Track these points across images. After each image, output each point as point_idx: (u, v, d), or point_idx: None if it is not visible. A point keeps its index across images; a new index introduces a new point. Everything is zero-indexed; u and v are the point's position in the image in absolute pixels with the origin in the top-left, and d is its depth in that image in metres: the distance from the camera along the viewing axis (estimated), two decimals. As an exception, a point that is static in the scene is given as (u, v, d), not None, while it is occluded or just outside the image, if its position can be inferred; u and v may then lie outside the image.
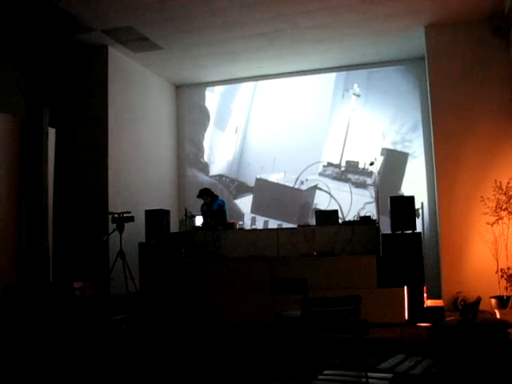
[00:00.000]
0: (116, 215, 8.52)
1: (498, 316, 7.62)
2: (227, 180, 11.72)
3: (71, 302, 6.59)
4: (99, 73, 9.67)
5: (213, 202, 9.48)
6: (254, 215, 11.44)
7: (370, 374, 3.69)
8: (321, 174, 11.09)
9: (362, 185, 10.80)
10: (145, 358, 6.19)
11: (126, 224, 8.53)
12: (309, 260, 8.09)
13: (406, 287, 7.61)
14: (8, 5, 7.68)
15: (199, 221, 9.59)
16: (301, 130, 11.25)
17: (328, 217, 8.88)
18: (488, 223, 8.35)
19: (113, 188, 9.50)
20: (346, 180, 10.92)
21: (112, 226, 8.61)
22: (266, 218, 11.31)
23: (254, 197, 11.53)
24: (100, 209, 9.30)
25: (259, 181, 11.51)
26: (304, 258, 8.16)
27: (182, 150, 12.05)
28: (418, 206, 8.88)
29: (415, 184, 10.25)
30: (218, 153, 11.87)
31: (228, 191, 11.62)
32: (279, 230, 9.33)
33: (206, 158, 11.93)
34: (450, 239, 8.74)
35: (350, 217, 10.09)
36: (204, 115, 12.04)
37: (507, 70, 8.69)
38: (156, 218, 9.14)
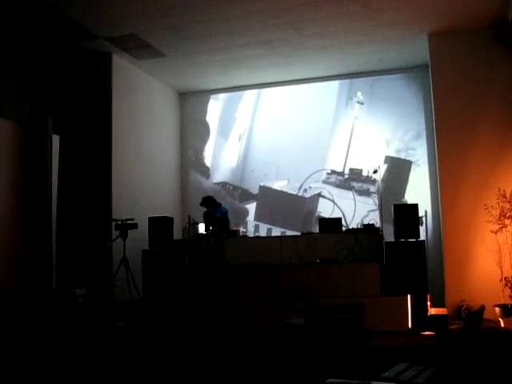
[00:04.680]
0: (119, 222, 8.52)
1: (502, 325, 7.59)
2: (230, 187, 11.73)
3: (74, 309, 6.59)
4: (103, 80, 9.70)
5: (216, 209, 9.48)
6: (257, 222, 11.44)
7: (373, 383, 3.67)
8: (324, 182, 11.08)
9: (365, 192, 10.79)
10: (148, 365, 6.18)
11: (129, 231, 8.52)
12: (312, 268, 8.07)
13: (409, 295, 7.57)
14: (13, 12, 7.72)
15: (203, 228, 9.59)
16: (304, 137, 11.24)
17: (331, 224, 8.87)
18: (492, 231, 8.32)
19: (116, 195, 9.51)
20: (350, 188, 10.91)
21: (115, 233, 8.61)
22: (270, 226, 11.30)
23: (257, 204, 11.53)
24: (103, 215, 9.30)
25: (263, 188, 11.51)
26: (307, 266, 8.14)
27: (186, 157, 12.07)
28: (421, 213, 8.87)
29: (419, 192, 10.22)
30: (222, 160, 11.87)
31: (232, 198, 11.63)
32: (282, 237, 9.32)
33: (209, 165, 11.94)
34: (453, 247, 8.71)
35: (353, 224, 10.09)
36: (207, 122, 12.06)
37: (511, 77, 8.69)
38: (159, 225, 9.13)
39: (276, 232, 11.07)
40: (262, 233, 11.25)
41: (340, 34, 9.16)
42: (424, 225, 9.91)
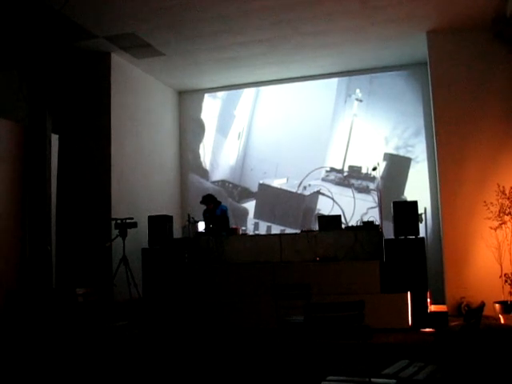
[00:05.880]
0: (119, 221, 8.52)
1: (502, 321, 7.60)
2: (230, 185, 11.73)
3: (74, 308, 6.59)
4: (102, 79, 9.69)
5: (216, 207, 9.48)
6: (256, 220, 11.44)
7: (373, 380, 3.68)
8: (324, 179, 11.09)
9: (364, 190, 10.79)
10: (148, 364, 6.18)
11: (128, 230, 8.53)
12: (312, 265, 8.08)
13: (409, 292, 7.58)
14: (11, 12, 7.71)
15: (202, 226, 9.59)
16: (303, 135, 11.25)
17: (331, 222, 8.87)
18: (491, 228, 8.34)
19: (116, 194, 9.50)
20: (349, 185, 10.91)
21: (115, 232, 8.61)
22: (269, 224, 11.31)
23: (256, 202, 11.53)
24: (103, 215, 9.29)
25: (262, 186, 11.51)
26: (307, 264, 8.15)
27: (185, 155, 12.07)
28: (421, 210, 8.87)
29: (418, 189, 10.23)
30: (221, 158, 11.88)
31: (231, 196, 11.63)
32: (282, 235, 9.32)
33: (208, 164, 11.94)
34: (453, 244, 8.72)
35: (352, 222, 10.10)
36: (207, 121, 12.06)
37: (510, 74, 8.69)
38: (159, 224, 9.14)
39: (275, 230, 11.07)
40: (262, 231, 11.25)
41: (338, 32, 9.15)
42: (423, 222, 9.92)
